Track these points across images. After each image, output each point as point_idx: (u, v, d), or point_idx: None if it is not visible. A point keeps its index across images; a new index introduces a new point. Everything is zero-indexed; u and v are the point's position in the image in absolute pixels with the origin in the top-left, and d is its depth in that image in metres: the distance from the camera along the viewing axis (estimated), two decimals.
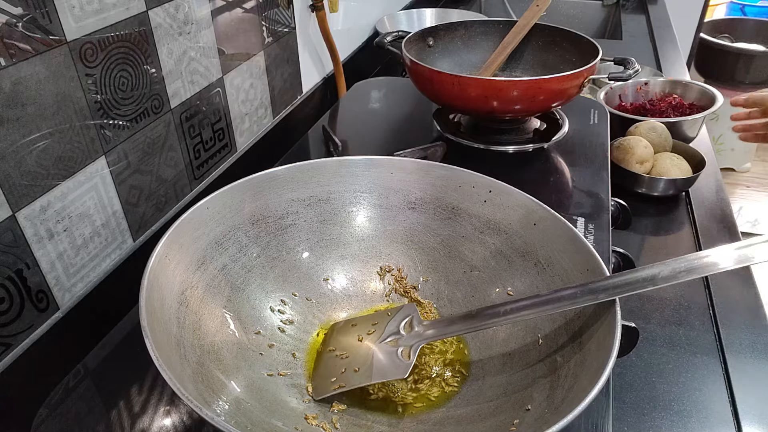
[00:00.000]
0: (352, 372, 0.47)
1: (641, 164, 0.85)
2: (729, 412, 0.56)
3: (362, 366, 0.47)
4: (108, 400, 0.47)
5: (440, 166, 0.57)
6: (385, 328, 0.50)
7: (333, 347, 0.50)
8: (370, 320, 0.52)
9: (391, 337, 0.49)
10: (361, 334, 0.50)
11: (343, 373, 0.47)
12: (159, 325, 0.40)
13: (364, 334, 0.50)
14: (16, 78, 0.48)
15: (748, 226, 2.27)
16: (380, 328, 0.50)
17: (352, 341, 0.50)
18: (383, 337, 0.49)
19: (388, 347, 0.48)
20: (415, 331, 0.48)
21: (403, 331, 0.49)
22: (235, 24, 0.77)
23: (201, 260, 0.49)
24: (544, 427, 0.33)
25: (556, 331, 0.46)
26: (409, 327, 0.49)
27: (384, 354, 0.48)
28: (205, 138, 0.75)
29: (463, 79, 0.73)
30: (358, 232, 0.58)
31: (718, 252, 0.41)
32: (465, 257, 0.55)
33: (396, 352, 0.47)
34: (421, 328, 0.48)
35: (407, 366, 0.46)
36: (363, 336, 0.50)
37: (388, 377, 0.46)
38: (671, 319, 0.66)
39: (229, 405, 0.41)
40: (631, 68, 0.77)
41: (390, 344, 0.48)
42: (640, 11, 1.67)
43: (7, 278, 0.50)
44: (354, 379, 0.47)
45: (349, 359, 0.48)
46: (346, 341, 0.50)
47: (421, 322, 0.49)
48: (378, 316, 0.52)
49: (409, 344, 0.48)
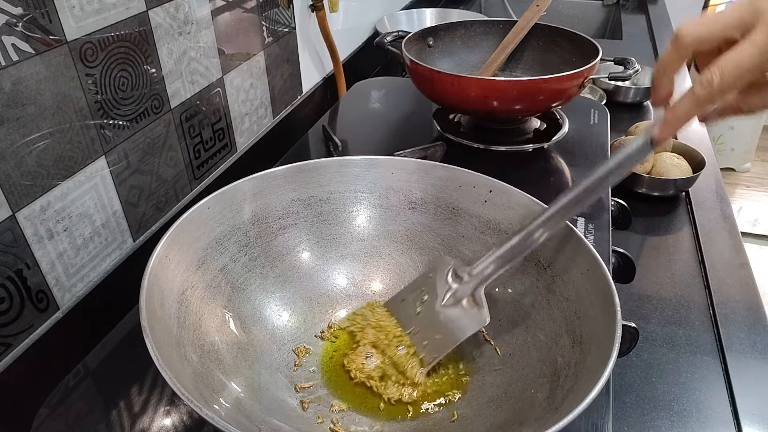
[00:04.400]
0: (435, 340, 0.48)
1: (641, 164, 0.85)
2: (729, 412, 0.56)
3: (441, 332, 0.48)
4: (108, 400, 0.47)
5: (441, 166, 0.57)
6: (436, 288, 0.50)
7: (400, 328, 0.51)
8: (415, 289, 0.52)
9: (447, 294, 0.49)
10: (416, 304, 0.51)
11: (426, 345, 0.48)
12: (159, 325, 0.40)
13: (418, 303, 0.51)
14: (16, 78, 0.48)
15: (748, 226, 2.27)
16: (431, 291, 0.51)
17: (412, 315, 0.51)
18: (442, 298, 0.49)
19: (452, 304, 0.49)
20: (466, 280, 0.49)
21: (454, 284, 0.50)
22: (235, 24, 0.77)
23: (201, 260, 0.49)
24: (544, 427, 0.33)
25: (556, 331, 0.46)
26: (456, 278, 0.50)
27: (452, 312, 0.49)
28: (205, 138, 0.75)
29: (463, 79, 0.73)
30: (359, 232, 0.58)
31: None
32: (465, 257, 0.55)
33: (461, 305, 0.48)
34: (470, 276, 0.49)
35: (483, 313, 0.47)
36: (419, 305, 0.50)
37: (475, 329, 0.47)
38: (671, 319, 0.66)
39: (229, 405, 0.41)
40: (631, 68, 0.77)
41: (450, 301, 0.49)
42: (640, 11, 1.67)
43: (7, 278, 0.50)
44: (442, 345, 0.48)
45: (422, 332, 0.49)
46: (407, 318, 0.51)
47: (464, 268, 0.50)
48: (421, 281, 0.53)
49: (470, 293, 0.48)
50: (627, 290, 0.70)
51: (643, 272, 0.73)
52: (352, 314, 0.54)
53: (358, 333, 0.52)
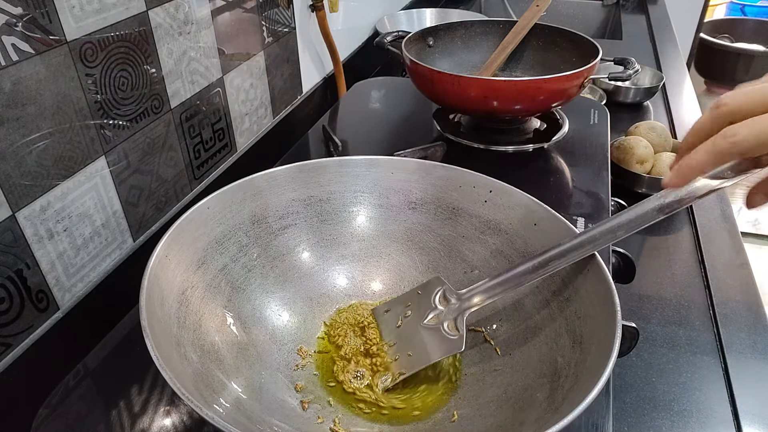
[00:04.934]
0: (407, 357, 0.47)
1: (641, 164, 0.85)
2: (729, 412, 0.56)
3: (415, 349, 0.48)
4: (108, 400, 0.47)
5: (441, 166, 0.57)
6: (420, 307, 0.50)
7: (375, 337, 0.50)
8: (402, 302, 0.52)
9: (431, 314, 0.49)
10: (398, 318, 0.50)
11: (397, 360, 0.48)
12: (159, 325, 0.40)
13: (401, 317, 0.50)
14: (16, 78, 0.48)
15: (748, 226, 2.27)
16: (416, 308, 0.51)
17: (392, 327, 0.50)
18: (424, 317, 0.49)
19: (432, 325, 0.49)
20: (452, 304, 0.49)
21: (440, 305, 0.49)
22: (235, 24, 0.77)
23: (201, 260, 0.49)
24: (544, 427, 0.33)
25: (556, 331, 0.46)
26: (444, 300, 0.50)
27: (431, 332, 0.48)
28: (205, 138, 0.75)
29: (463, 79, 0.73)
30: (359, 232, 0.58)
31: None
32: (465, 257, 0.55)
33: (441, 327, 0.48)
34: (457, 300, 0.49)
35: (460, 338, 0.46)
36: (401, 319, 0.50)
37: (447, 353, 0.47)
38: (671, 319, 0.66)
39: (229, 405, 0.41)
40: (631, 68, 0.77)
41: (432, 321, 0.49)
42: (640, 11, 1.67)
43: (7, 278, 0.50)
44: (413, 363, 0.47)
45: (397, 345, 0.49)
46: (387, 329, 0.51)
47: (453, 292, 0.50)
48: (408, 296, 0.53)
49: (452, 317, 0.48)
50: (627, 290, 0.70)
51: (643, 272, 0.73)
52: (337, 313, 0.54)
53: (340, 338, 0.52)
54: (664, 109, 1.13)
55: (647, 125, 0.91)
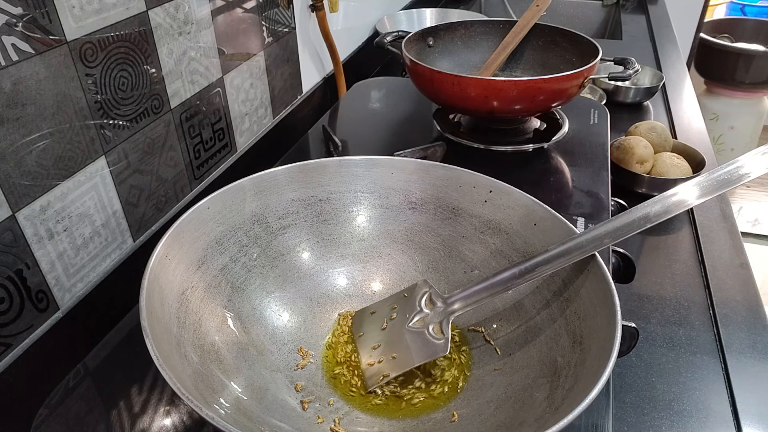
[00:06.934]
0: (390, 359, 0.47)
1: (641, 164, 0.85)
2: (729, 412, 0.56)
3: (399, 352, 0.48)
4: (108, 400, 0.47)
5: (441, 166, 0.57)
6: (406, 309, 0.50)
7: (360, 339, 0.50)
8: (387, 305, 0.52)
9: (416, 317, 0.49)
10: (383, 320, 0.50)
11: (381, 363, 0.48)
12: (159, 325, 0.40)
13: (386, 319, 0.50)
14: (16, 78, 0.48)
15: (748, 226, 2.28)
16: (401, 311, 0.50)
17: (377, 329, 0.50)
18: (409, 320, 0.49)
19: (417, 328, 0.48)
20: (438, 307, 0.49)
21: (426, 309, 0.49)
22: (235, 24, 0.77)
23: (201, 260, 0.49)
24: (544, 427, 0.33)
25: (556, 331, 0.46)
26: (429, 303, 0.49)
27: (415, 335, 0.48)
28: (205, 138, 0.75)
29: (463, 79, 0.73)
30: (359, 232, 0.58)
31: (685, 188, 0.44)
32: (465, 257, 0.55)
33: (426, 331, 0.48)
34: (443, 303, 0.49)
35: (445, 342, 0.46)
36: (386, 322, 0.50)
37: (431, 357, 0.47)
38: (671, 319, 0.66)
39: (229, 405, 0.41)
40: (631, 68, 0.77)
41: (417, 324, 0.48)
42: (640, 11, 1.67)
43: (7, 278, 0.50)
44: (396, 365, 0.47)
45: (382, 348, 0.49)
46: (371, 331, 0.51)
47: (439, 295, 0.50)
48: (394, 299, 0.52)
49: (438, 321, 0.48)
50: (627, 290, 0.70)
51: (643, 272, 0.73)
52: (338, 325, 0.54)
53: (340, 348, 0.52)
54: (664, 109, 1.13)
55: (647, 125, 0.91)
